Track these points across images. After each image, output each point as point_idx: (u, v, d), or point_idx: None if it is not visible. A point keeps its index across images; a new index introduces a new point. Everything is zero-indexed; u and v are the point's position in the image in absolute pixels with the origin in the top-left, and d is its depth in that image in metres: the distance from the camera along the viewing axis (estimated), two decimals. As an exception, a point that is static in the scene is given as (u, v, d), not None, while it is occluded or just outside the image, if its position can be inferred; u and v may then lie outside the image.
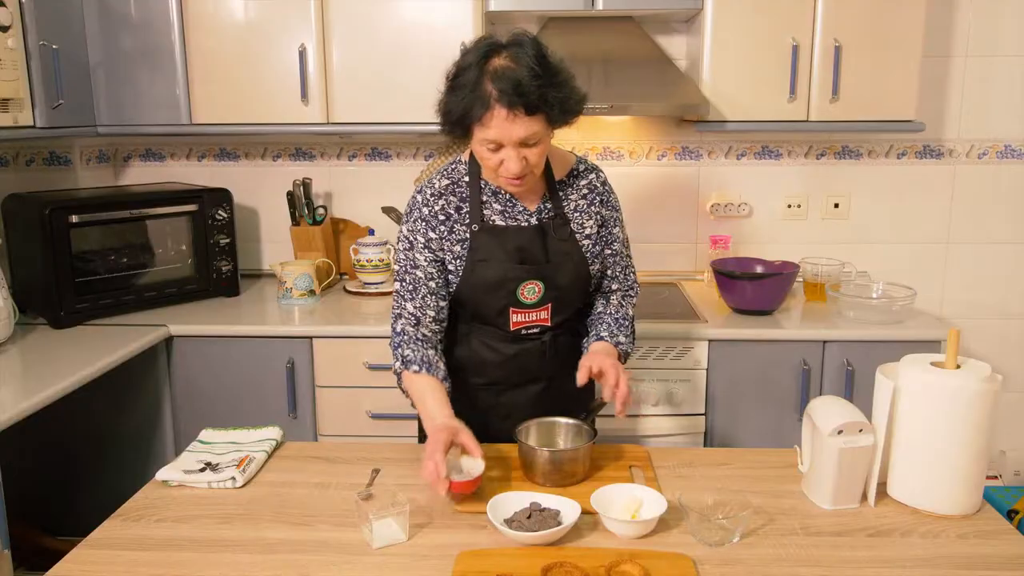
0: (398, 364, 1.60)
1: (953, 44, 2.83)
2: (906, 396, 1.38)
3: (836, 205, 2.94)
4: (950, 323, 2.92)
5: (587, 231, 1.66)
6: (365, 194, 2.98)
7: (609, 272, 1.74)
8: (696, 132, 2.88)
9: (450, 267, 1.62)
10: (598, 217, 1.68)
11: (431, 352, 1.59)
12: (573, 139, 2.92)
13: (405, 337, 1.60)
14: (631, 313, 1.75)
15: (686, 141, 2.92)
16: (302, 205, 2.86)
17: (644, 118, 2.90)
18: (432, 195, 1.62)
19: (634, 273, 1.79)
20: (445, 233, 1.61)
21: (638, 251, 2.93)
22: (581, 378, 1.56)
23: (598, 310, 1.75)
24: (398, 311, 1.63)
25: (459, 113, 1.45)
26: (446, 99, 1.49)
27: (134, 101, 2.59)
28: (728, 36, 2.51)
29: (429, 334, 1.62)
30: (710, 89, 2.53)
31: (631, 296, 1.77)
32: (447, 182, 1.63)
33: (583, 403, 1.64)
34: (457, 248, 1.61)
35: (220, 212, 2.69)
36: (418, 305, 1.61)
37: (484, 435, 1.65)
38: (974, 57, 2.83)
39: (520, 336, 1.66)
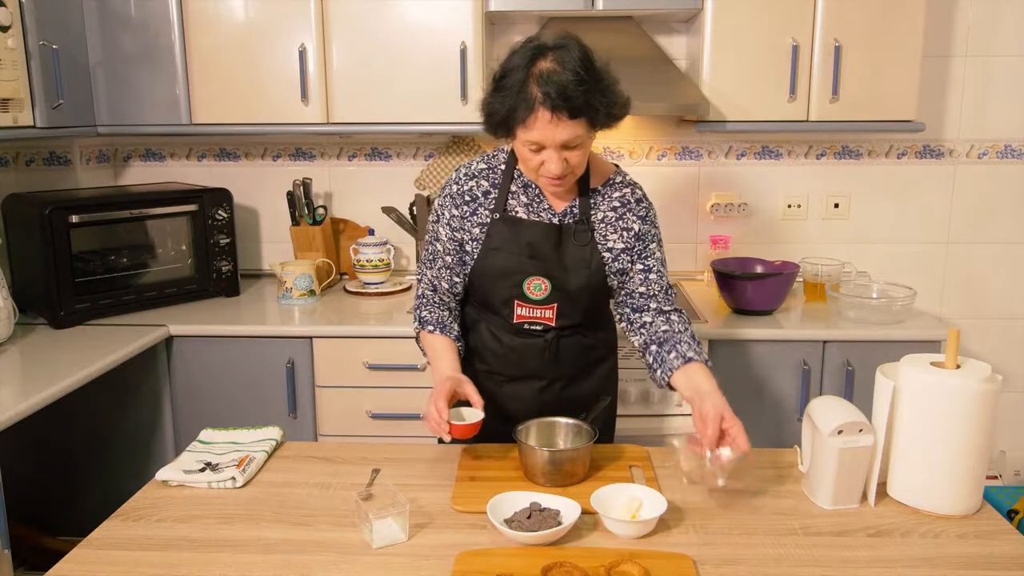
0: (416, 324, 1.71)
1: (953, 44, 2.83)
2: (906, 396, 1.38)
3: (836, 205, 2.94)
4: (950, 323, 2.92)
5: (610, 244, 1.64)
6: (365, 194, 2.98)
7: (644, 289, 1.65)
8: (696, 132, 2.88)
9: (467, 248, 1.66)
10: (626, 233, 1.65)
11: (445, 314, 1.71)
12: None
13: (424, 300, 1.73)
14: (690, 327, 1.65)
15: (686, 141, 2.92)
16: (302, 205, 2.86)
17: (644, 118, 2.90)
18: (466, 175, 1.67)
19: (676, 296, 1.71)
20: (468, 213, 1.65)
21: (638, 251, 2.97)
22: (712, 435, 1.40)
23: (663, 328, 1.63)
24: (420, 276, 1.75)
25: (503, 114, 1.47)
26: (490, 99, 1.50)
27: (134, 101, 2.59)
28: (728, 36, 2.51)
29: (447, 299, 1.74)
30: (710, 89, 2.53)
31: (685, 316, 1.68)
32: (484, 166, 1.67)
33: (584, 409, 1.64)
34: (476, 231, 1.64)
35: (220, 212, 2.69)
36: (434, 275, 1.71)
37: (488, 424, 1.67)
38: (974, 57, 2.83)
39: (523, 330, 1.68)
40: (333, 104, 2.57)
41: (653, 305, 1.66)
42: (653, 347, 1.62)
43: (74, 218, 2.38)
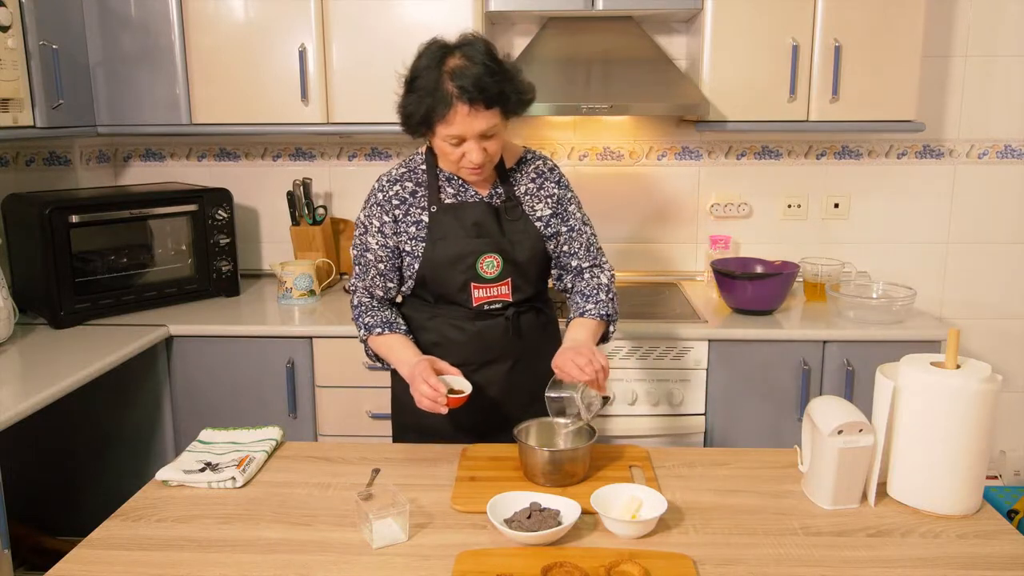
0: (363, 332, 1.75)
1: (953, 44, 2.83)
2: (906, 396, 1.38)
3: (836, 205, 2.94)
4: (950, 323, 2.92)
5: (539, 213, 1.74)
6: (365, 194, 2.96)
7: (567, 248, 1.77)
8: (696, 132, 2.88)
9: (407, 248, 1.70)
10: (549, 199, 1.75)
11: (388, 313, 1.76)
12: (573, 140, 2.92)
13: (363, 308, 1.76)
14: (605, 280, 1.77)
15: (686, 141, 2.92)
16: (302, 205, 2.86)
17: (644, 118, 2.90)
18: (388, 181, 1.72)
19: (598, 248, 1.81)
20: (400, 216, 1.69)
21: (638, 251, 2.98)
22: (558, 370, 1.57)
23: (569, 287, 1.79)
24: (352, 288, 1.79)
25: (422, 113, 1.54)
26: (406, 102, 1.58)
27: (134, 101, 2.59)
28: (728, 36, 2.51)
29: (385, 303, 1.78)
30: (710, 89, 2.53)
31: (600, 267, 1.79)
32: (404, 170, 1.74)
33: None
34: (413, 229, 1.69)
35: (220, 212, 2.69)
36: (367, 284, 1.75)
37: (470, 426, 1.72)
38: (974, 57, 2.83)
39: (483, 312, 1.71)
40: (333, 104, 2.57)
41: (574, 263, 1.77)
42: (570, 303, 1.78)
43: (74, 218, 2.38)
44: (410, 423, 1.81)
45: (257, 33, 2.54)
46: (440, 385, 1.52)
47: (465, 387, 1.56)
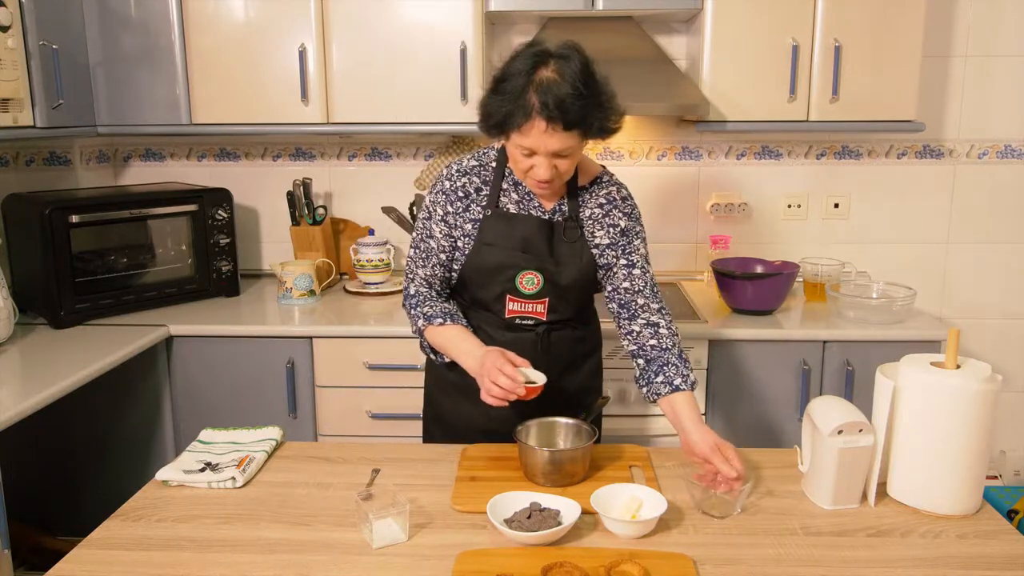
0: (421, 321, 1.67)
1: (953, 44, 2.83)
2: (906, 396, 1.38)
3: (836, 205, 2.94)
4: (950, 323, 2.92)
5: (597, 240, 1.67)
6: (365, 194, 2.98)
7: (628, 284, 1.67)
8: (696, 132, 2.88)
9: (459, 244, 1.67)
10: (612, 229, 1.68)
11: (448, 305, 1.70)
12: (573, 139, 2.92)
13: (420, 297, 1.71)
14: (679, 338, 1.68)
15: (686, 141, 2.92)
16: (302, 205, 2.86)
17: (644, 118, 2.90)
18: (458, 171, 1.67)
19: (659, 292, 1.72)
20: (461, 210, 1.65)
21: (638, 251, 2.97)
22: (716, 469, 1.43)
23: (651, 343, 1.64)
24: (411, 275, 1.73)
25: (500, 117, 1.49)
26: (489, 100, 1.52)
27: (134, 101, 2.59)
28: (728, 36, 2.51)
29: (443, 295, 1.74)
30: (710, 89, 2.53)
31: (670, 315, 1.69)
32: (475, 163, 1.68)
33: (578, 403, 1.64)
34: (468, 227, 1.65)
35: (220, 212, 2.69)
36: (428, 273, 1.70)
37: (483, 425, 1.69)
38: (974, 57, 2.83)
39: (514, 325, 1.69)
40: (333, 104, 2.57)
41: (640, 301, 1.67)
42: (641, 361, 1.66)
43: (74, 218, 2.38)
44: (437, 420, 1.81)
45: (257, 33, 2.54)
46: (518, 375, 1.47)
47: (539, 378, 1.51)
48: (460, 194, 1.65)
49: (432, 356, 1.74)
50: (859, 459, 1.39)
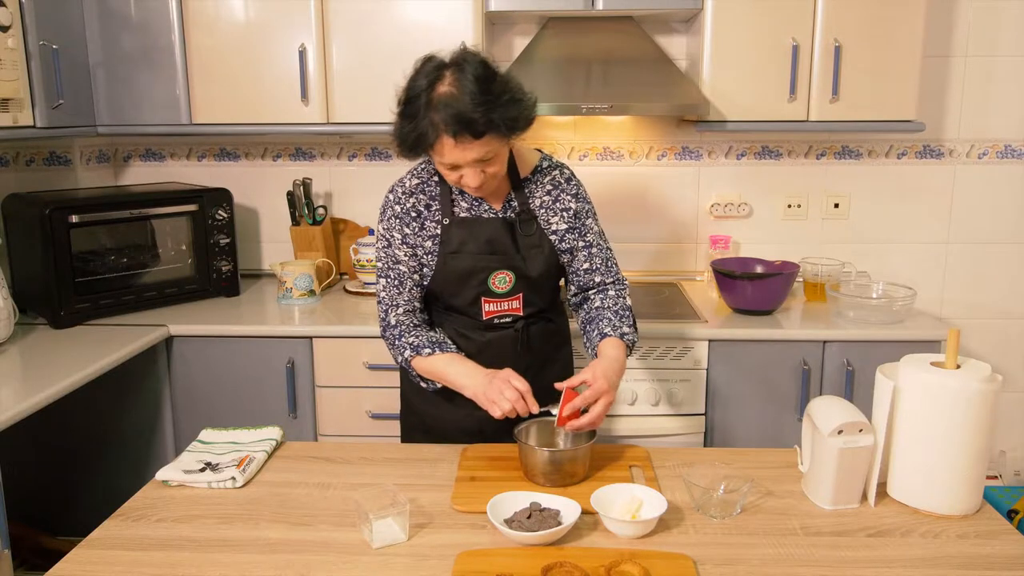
0: (408, 352, 1.66)
1: (953, 44, 2.83)
2: (906, 396, 1.38)
3: (836, 205, 2.94)
4: (950, 323, 2.92)
5: (554, 227, 1.70)
6: (365, 194, 2.98)
7: (588, 264, 1.73)
8: (696, 132, 2.88)
9: (423, 260, 1.67)
10: (565, 213, 1.70)
11: (434, 334, 1.69)
12: (573, 140, 2.92)
13: (403, 328, 1.68)
14: (629, 303, 1.75)
15: (686, 141, 2.92)
16: (302, 205, 2.86)
17: (644, 118, 2.90)
18: (403, 193, 1.68)
19: (616, 264, 1.78)
20: (417, 229, 1.66)
21: (638, 251, 2.97)
22: (571, 382, 1.53)
23: (596, 304, 1.73)
24: (387, 305, 1.70)
25: (411, 142, 1.49)
26: (399, 125, 1.52)
27: (134, 101, 2.59)
28: (728, 36, 2.51)
29: (422, 320, 1.72)
30: (710, 89, 2.53)
31: (624, 286, 1.77)
32: (417, 181, 1.69)
33: (557, 395, 1.64)
34: (428, 244, 1.66)
35: (220, 212, 2.69)
36: (407, 298, 1.69)
37: (477, 430, 1.70)
38: (974, 57, 2.83)
39: (493, 325, 1.70)
40: (333, 104, 2.57)
41: (597, 279, 1.73)
42: (585, 326, 1.72)
43: (74, 218, 2.38)
44: (417, 424, 1.81)
45: (257, 33, 2.54)
46: (526, 385, 1.50)
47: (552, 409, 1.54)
48: (412, 215, 1.66)
49: (423, 384, 1.70)
50: (859, 459, 1.39)
